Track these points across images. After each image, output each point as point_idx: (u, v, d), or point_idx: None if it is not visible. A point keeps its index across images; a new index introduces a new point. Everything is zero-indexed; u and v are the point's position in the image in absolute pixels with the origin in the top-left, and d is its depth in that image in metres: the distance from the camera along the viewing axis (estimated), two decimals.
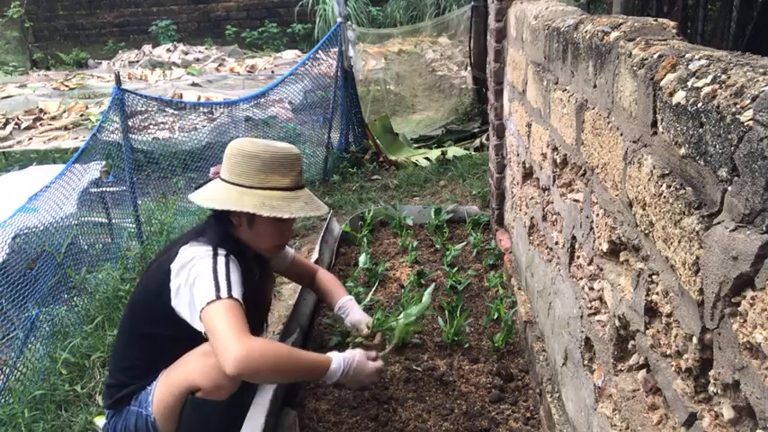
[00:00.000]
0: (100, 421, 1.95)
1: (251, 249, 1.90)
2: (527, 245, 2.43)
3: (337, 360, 1.80)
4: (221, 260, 1.73)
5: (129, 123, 3.20)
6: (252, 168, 1.79)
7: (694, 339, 0.90)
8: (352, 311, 2.20)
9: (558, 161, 1.81)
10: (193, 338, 1.73)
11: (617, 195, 1.25)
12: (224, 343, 1.57)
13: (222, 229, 1.83)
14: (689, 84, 0.88)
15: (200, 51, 12.49)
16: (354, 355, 1.86)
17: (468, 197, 4.08)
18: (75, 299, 2.76)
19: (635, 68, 1.09)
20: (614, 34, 1.28)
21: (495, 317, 2.58)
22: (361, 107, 5.32)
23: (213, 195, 1.81)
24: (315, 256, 2.96)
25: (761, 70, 0.76)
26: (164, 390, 1.79)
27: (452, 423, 2.02)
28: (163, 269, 1.78)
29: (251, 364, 1.57)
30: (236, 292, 1.67)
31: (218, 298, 1.63)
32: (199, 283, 1.68)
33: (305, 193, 1.89)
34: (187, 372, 1.76)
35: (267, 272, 2.11)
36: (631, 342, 1.24)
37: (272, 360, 1.63)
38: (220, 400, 1.76)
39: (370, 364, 1.89)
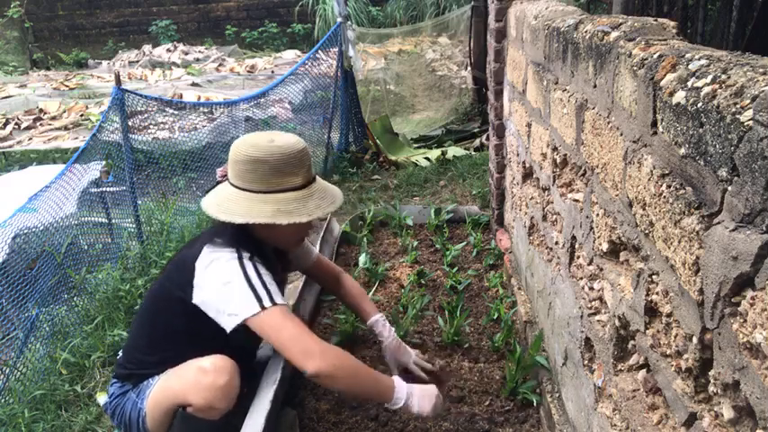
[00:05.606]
0: (101, 398, 1.97)
1: (270, 246, 1.88)
2: (527, 245, 2.43)
3: (398, 379, 1.79)
4: (249, 265, 1.71)
5: (129, 123, 3.20)
6: (262, 173, 1.73)
7: (694, 339, 0.90)
8: (390, 344, 2.08)
9: (558, 161, 1.81)
10: (210, 337, 1.74)
11: (617, 195, 1.25)
12: (302, 345, 1.63)
13: (240, 231, 1.77)
14: (689, 84, 0.88)
15: (200, 51, 12.48)
16: (413, 386, 1.80)
17: (468, 197, 4.08)
18: (75, 299, 2.76)
19: (635, 68, 1.09)
20: (614, 34, 1.28)
21: (495, 317, 2.58)
22: (361, 107, 5.32)
23: (229, 207, 1.74)
24: None
25: (761, 70, 0.76)
26: (159, 392, 1.80)
27: (452, 423, 2.02)
28: (188, 265, 1.76)
29: (334, 363, 1.64)
30: (279, 298, 1.69)
31: (263, 308, 1.65)
32: (234, 291, 1.67)
33: (318, 185, 1.84)
34: (182, 384, 1.76)
35: (285, 269, 2.10)
36: (631, 342, 1.24)
37: (350, 363, 1.70)
38: (210, 420, 1.75)
39: (432, 388, 1.83)
